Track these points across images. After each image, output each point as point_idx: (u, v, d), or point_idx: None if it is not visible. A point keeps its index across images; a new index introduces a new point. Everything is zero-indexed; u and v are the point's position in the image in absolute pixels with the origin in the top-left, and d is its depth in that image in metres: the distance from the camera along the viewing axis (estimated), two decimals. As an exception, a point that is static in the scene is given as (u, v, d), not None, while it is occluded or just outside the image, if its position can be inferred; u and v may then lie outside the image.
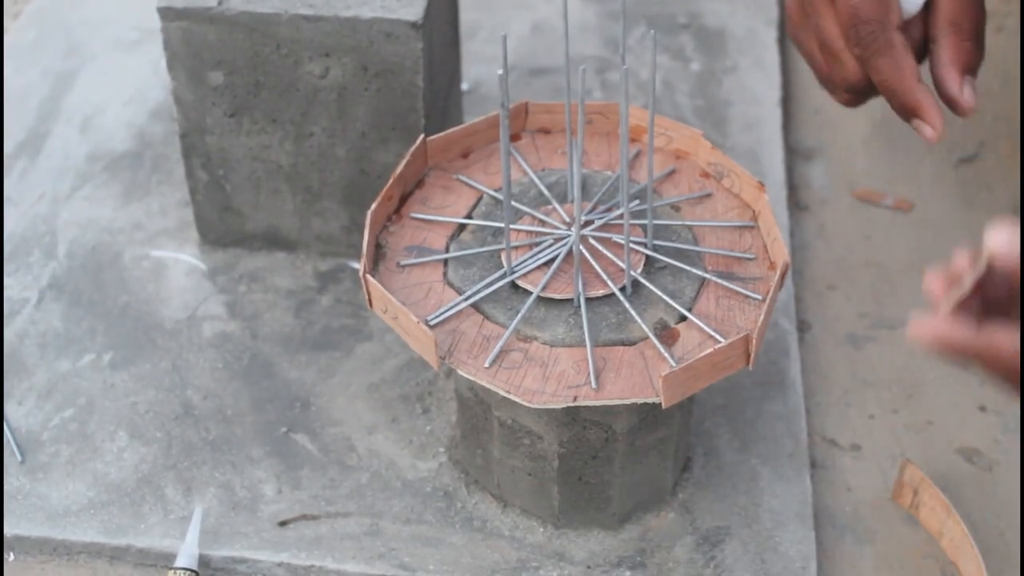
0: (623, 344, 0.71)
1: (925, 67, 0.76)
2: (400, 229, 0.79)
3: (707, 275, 0.75)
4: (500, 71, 0.67)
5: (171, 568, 0.77)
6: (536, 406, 0.69)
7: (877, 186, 1.09)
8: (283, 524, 0.81)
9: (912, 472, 0.82)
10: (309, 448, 0.86)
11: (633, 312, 0.72)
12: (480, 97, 1.14)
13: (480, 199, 0.81)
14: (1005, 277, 0.64)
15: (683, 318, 0.73)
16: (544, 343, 0.72)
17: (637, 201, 0.79)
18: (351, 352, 0.92)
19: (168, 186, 1.06)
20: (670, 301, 0.73)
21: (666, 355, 0.70)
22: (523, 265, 0.75)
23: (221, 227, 0.99)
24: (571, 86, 0.78)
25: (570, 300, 0.73)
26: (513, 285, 0.75)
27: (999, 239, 0.62)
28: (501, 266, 0.76)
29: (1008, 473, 0.85)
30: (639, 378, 0.70)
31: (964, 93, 0.74)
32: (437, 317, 0.73)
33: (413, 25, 0.86)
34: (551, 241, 0.77)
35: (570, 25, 1.05)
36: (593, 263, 0.75)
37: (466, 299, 0.74)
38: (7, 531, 0.80)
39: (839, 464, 0.86)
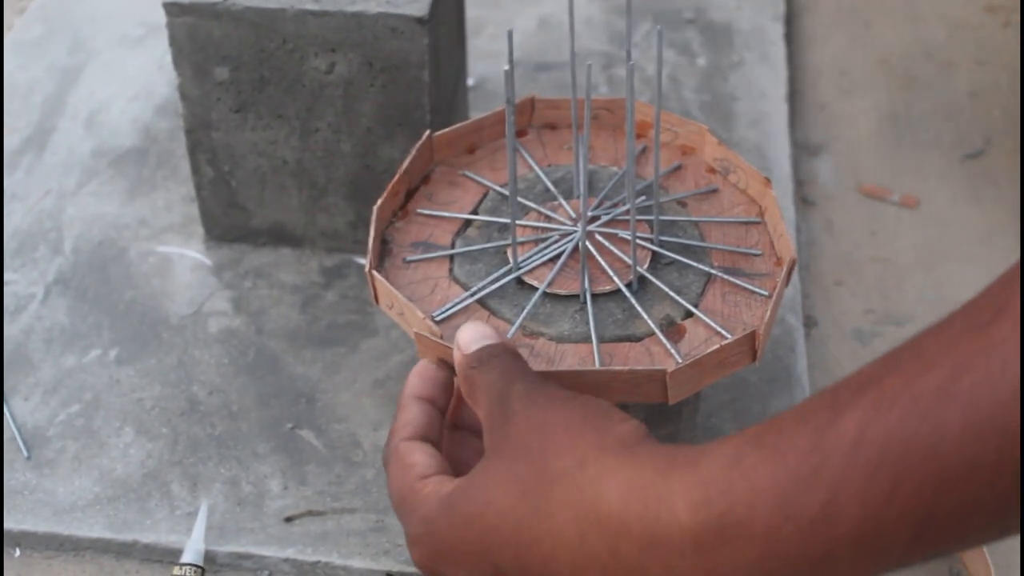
0: (629, 340, 0.71)
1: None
2: (406, 225, 0.79)
3: (713, 271, 0.75)
4: (506, 67, 0.67)
5: (177, 564, 0.77)
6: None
7: (883, 182, 1.09)
8: (289, 520, 0.81)
9: (919, 468, 0.81)
10: (315, 444, 0.86)
11: (639, 308, 0.72)
12: (486, 93, 1.14)
13: (486, 195, 0.80)
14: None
15: (689, 314, 0.73)
16: (550, 339, 0.71)
17: (643, 197, 0.78)
18: (356, 348, 0.92)
19: (173, 182, 1.06)
20: (676, 297, 0.73)
21: (672, 351, 0.70)
22: (529, 261, 0.75)
23: (226, 223, 0.99)
24: (577, 82, 0.78)
25: (576, 296, 0.73)
26: (519, 281, 0.75)
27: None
28: (507, 262, 0.75)
29: (1015, 469, 0.85)
30: (645, 374, 0.69)
31: None
32: (443, 313, 0.73)
33: (419, 20, 0.86)
34: (557, 237, 0.76)
35: (576, 20, 1.05)
36: (599, 259, 0.75)
37: (472, 295, 0.74)
38: (14, 527, 0.80)
39: (845, 460, 0.86)
